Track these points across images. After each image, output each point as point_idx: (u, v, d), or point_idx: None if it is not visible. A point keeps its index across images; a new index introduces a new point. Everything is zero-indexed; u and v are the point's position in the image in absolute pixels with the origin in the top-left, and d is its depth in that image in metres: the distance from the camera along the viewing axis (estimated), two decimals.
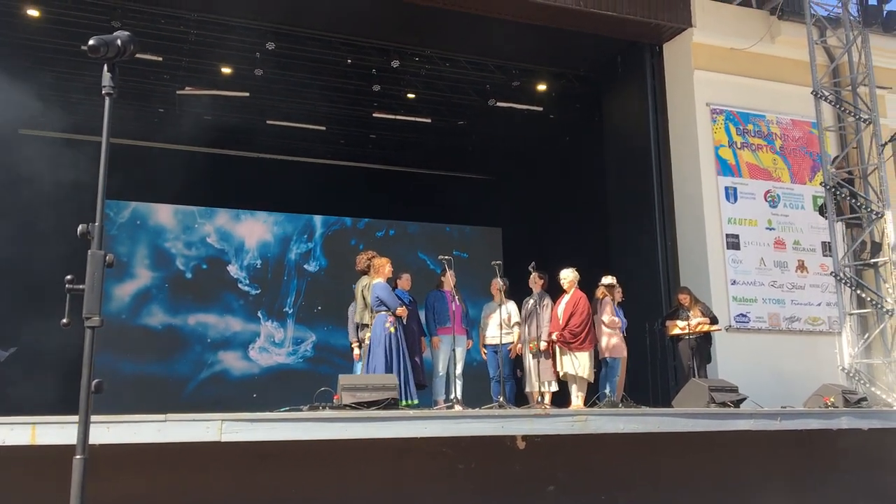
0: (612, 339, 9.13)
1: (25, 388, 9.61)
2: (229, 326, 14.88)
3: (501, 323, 9.06)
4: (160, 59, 11.43)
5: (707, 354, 9.48)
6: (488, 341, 9.37)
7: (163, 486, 5.85)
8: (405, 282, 8.98)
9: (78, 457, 2.74)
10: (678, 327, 9.50)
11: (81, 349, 2.84)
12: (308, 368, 14.89)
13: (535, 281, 9.16)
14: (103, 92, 3.03)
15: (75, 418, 2.87)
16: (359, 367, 8.67)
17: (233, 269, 15.09)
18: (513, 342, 9.25)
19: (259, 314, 15.12)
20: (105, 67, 3.01)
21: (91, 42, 2.94)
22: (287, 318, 15.31)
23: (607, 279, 9.42)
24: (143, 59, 11.16)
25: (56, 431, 5.16)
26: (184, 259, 14.87)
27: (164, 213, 14.94)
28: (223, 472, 6.00)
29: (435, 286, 9.46)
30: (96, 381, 2.76)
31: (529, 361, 9.06)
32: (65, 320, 2.84)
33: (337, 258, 15.17)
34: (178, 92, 12.62)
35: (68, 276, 2.83)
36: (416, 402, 8.12)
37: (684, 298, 9.59)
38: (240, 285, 15.08)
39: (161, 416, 5.52)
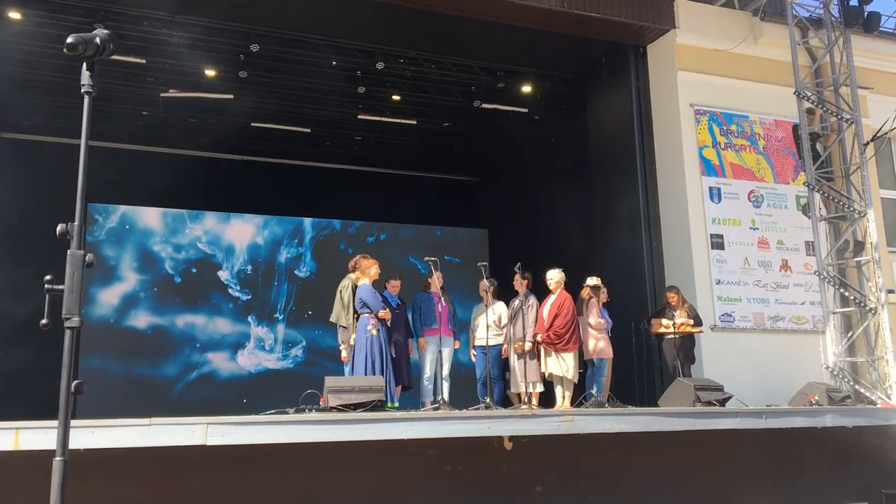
0: (598, 342, 9.15)
1: (10, 393, 9.54)
2: (220, 330, 14.82)
3: (490, 324, 9.07)
4: (143, 61, 11.35)
5: (691, 354, 9.52)
6: (477, 342, 9.38)
7: (148, 491, 5.82)
8: (393, 287, 8.99)
9: (58, 458, 2.71)
10: (663, 326, 9.54)
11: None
12: (299, 372, 14.82)
13: (519, 282, 9.16)
14: (82, 90, 3.00)
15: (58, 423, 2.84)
16: (346, 369, 8.65)
17: (224, 275, 15.04)
18: (502, 343, 9.26)
19: (250, 319, 15.08)
20: (84, 66, 2.98)
21: (69, 40, 2.92)
22: (277, 322, 15.27)
23: (592, 280, 9.44)
24: (126, 62, 11.10)
25: (39, 436, 5.12)
26: (173, 262, 14.80)
27: (152, 217, 14.85)
28: (209, 476, 5.97)
29: (422, 287, 9.46)
30: (76, 382, 2.73)
31: (514, 362, 9.06)
32: (44, 321, 2.81)
33: (327, 262, 15.12)
34: (161, 94, 12.54)
35: (47, 277, 2.80)
36: (395, 405, 8.09)
37: (672, 297, 9.63)
38: (230, 290, 15.03)
39: (146, 420, 5.48)
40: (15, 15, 10.35)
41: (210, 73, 12.04)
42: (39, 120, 13.00)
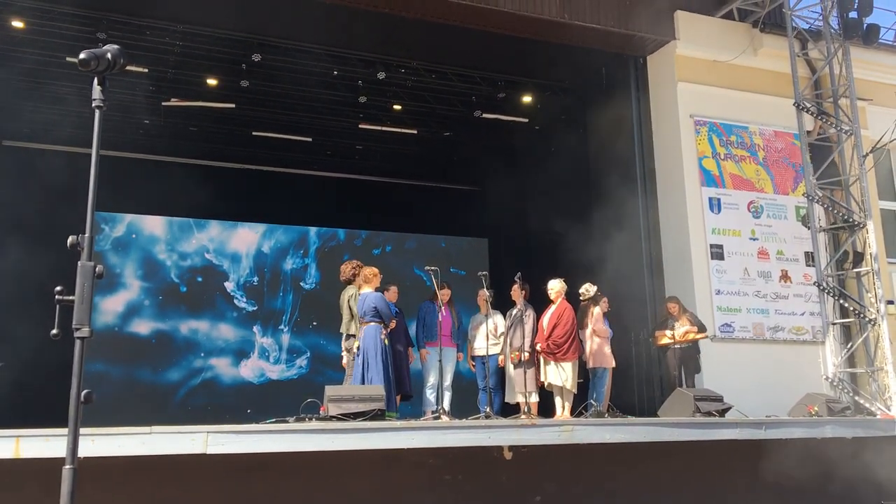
0: (602, 349, 9.15)
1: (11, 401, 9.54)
2: (224, 338, 14.83)
3: (488, 334, 9.07)
4: (146, 70, 11.39)
5: (696, 364, 9.52)
6: (476, 352, 9.38)
7: (148, 500, 5.82)
8: (392, 294, 8.98)
9: (67, 467, 2.72)
10: (667, 337, 9.54)
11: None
12: (303, 382, 14.80)
13: (517, 292, 9.17)
14: (93, 105, 3.03)
15: (61, 431, 2.87)
16: (355, 376, 8.59)
17: (229, 286, 15.07)
18: (500, 353, 9.27)
19: (255, 328, 15.10)
20: (95, 81, 3.01)
21: (82, 56, 2.94)
22: (282, 332, 15.29)
23: (589, 291, 9.39)
24: (129, 71, 11.12)
25: (41, 444, 5.12)
26: (178, 271, 14.83)
27: (158, 227, 14.89)
28: (209, 485, 5.97)
29: (428, 297, 9.43)
30: (86, 391, 2.75)
31: (511, 372, 9.07)
32: (54, 331, 2.83)
33: (332, 273, 15.09)
34: (163, 103, 12.57)
35: (58, 288, 2.82)
36: (395, 414, 8.07)
37: (673, 308, 9.65)
38: (236, 301, 15.05)
39: (146, 429, 5.49)
40: (18, 24, 10.40)
41: (212, 82, 12.09)
42: (40, 128, 13.02)
